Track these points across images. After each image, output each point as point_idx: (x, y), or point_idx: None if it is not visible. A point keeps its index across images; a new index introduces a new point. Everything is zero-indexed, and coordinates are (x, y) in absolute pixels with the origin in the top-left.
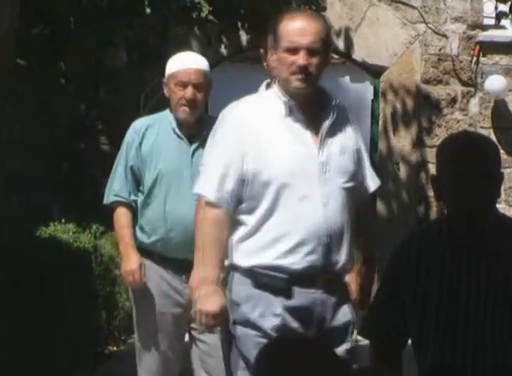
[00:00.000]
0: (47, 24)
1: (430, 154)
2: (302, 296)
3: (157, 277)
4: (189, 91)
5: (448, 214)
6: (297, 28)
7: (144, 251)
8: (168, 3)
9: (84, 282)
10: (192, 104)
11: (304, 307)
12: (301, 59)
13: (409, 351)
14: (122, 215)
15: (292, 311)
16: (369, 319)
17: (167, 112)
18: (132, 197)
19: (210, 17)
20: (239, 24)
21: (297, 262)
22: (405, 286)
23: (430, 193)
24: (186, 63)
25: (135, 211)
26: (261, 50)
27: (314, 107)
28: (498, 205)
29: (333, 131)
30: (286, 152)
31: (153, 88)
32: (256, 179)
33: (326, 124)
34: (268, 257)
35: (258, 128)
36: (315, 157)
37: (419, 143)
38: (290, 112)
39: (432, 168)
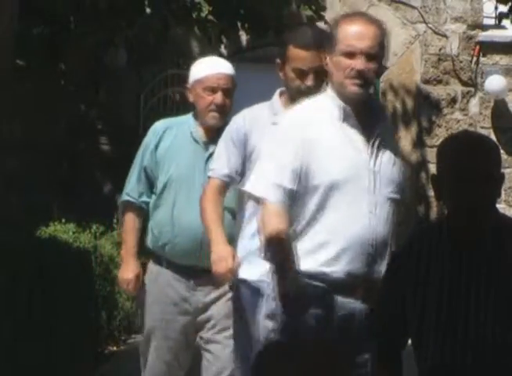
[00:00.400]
0: (47, 24)
1: (431, 154)
2: (341, 306)
3: (165, 284)
4: (219, 96)
5: (448, 213)
6: (355, 32)
7: (153, 254)
8: (168, 3)
9: (84, 282)
10: (222, 110)
11: (344, 317)
12: (358, 63)
13: (409, 351)
14: (130, 219)
15: (331, 321)
16: (369, 319)
17: (189, 116)
18: (143, 199)
19: (210, 17)
20: (239, 24)
21: (338, 270)
22: (406, 286)
23: (431, 193)
24: (214, 67)
25: (146, 213)
26: (278, 60)
27: (366, 113)
28: (498, 205)
29: (382, 139)
30: (339, 156)
31: (153, 88)
32: (307, 181)
33: (378, 131)
34: (313, 263)
35: (312, 129)
36: (367, 165)
37: (419, 143)
38: (345, 117)
39: (432, 168)
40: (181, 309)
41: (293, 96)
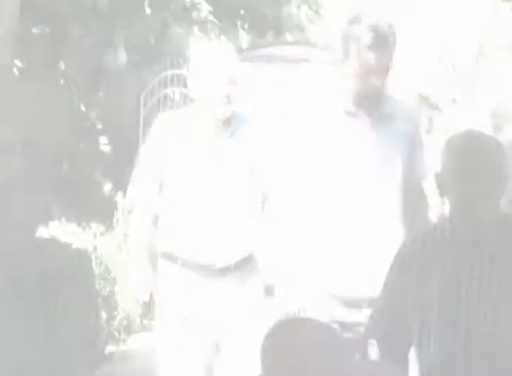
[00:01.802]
0: (47, 24)
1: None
2: None
3: (181, 282)
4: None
5: (450, 212)
6: None
7: (167, 255)
8: (168, 3)
9: (84, 282)
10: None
11: None
12: None
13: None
14: (141, 223)
15: None
16: (372, 320)
17: None
18: (152, 200)
19: (210, 17)
20: (239, 24)
21: None
22: (407, 285)
23: None
24: None
25: (157, 215)
26: (338, 56)
27: None
28: None
29: None
30: None
31: (153, 88)
32: None
33: None
34: None
35: None
36: None
37: None
38: None
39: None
40: (201, 308)
41: (356, 96)
